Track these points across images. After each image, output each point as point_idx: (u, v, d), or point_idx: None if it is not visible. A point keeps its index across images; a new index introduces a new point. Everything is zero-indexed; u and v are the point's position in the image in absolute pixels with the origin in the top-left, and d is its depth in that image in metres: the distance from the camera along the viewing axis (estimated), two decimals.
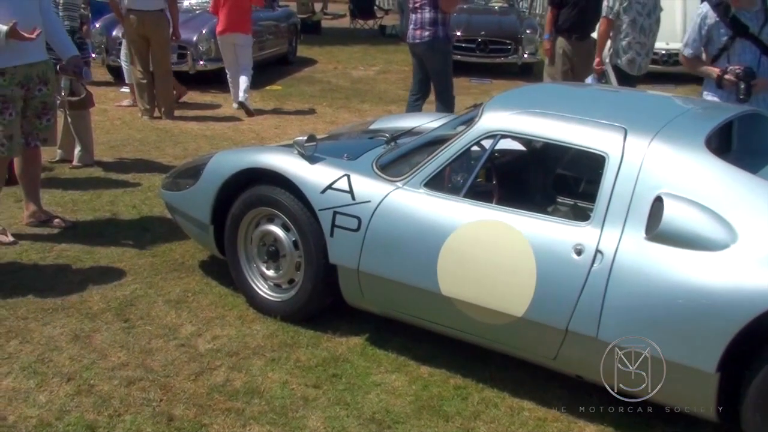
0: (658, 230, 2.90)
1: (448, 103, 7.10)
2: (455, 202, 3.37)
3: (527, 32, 11.98)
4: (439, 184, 3.50)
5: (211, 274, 4.37)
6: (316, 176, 3.66)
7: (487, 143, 3.49)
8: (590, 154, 3.22)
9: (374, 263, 3.48)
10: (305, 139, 3.73)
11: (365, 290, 3.58)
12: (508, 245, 3.18)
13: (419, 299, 3.42)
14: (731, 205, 2.90)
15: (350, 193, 3.55)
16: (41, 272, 4.34)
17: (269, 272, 3.91)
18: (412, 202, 3.43)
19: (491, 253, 3.23)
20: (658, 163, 3.03)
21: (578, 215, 3.49)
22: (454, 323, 3.38)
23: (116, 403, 3.14)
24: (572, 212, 3.85)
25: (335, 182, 3.60)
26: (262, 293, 3.93)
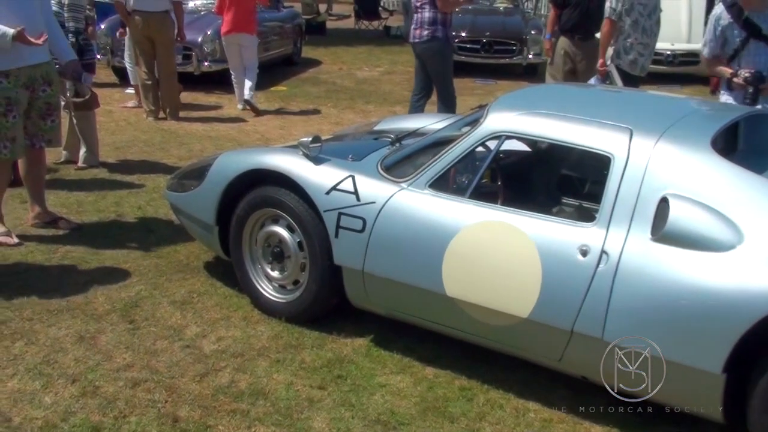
0: (663, 231, 2.89)
1: (448, 103, 7.10)
2: (460, 203, 3.36)
3: (532, 33, 11.97)
4: (444, 185, 3.50)
5: (215, 275, 4.37)
6: (320, 177, 3.66)
7: (492, 144, 3.49)
8: (596, 154, 3.22)
9: (379, 264, 3.47)
10: (310, 140, 3.73)
11: (370, 291, 3.57)
12: (513, 246, 3.18)
13: (424, 300, 3.42)
14: (737, 205, 2.89)
15: (355, 194, 3.55)
16: (46, 273, 4.34)
17: (274, 273, 3.91)
18: (417, 203, 3.43)
19: (496, 254, 3.22)
20: (663, 163, 3.03)
21: (583, 216, 3.48)
22: (458, 324, 3.38)
23: (121, 404, 3.14)
24: (577, 213, 3.84)
25: (340, 183, 3.60)
26: (266, 294, 3.93)
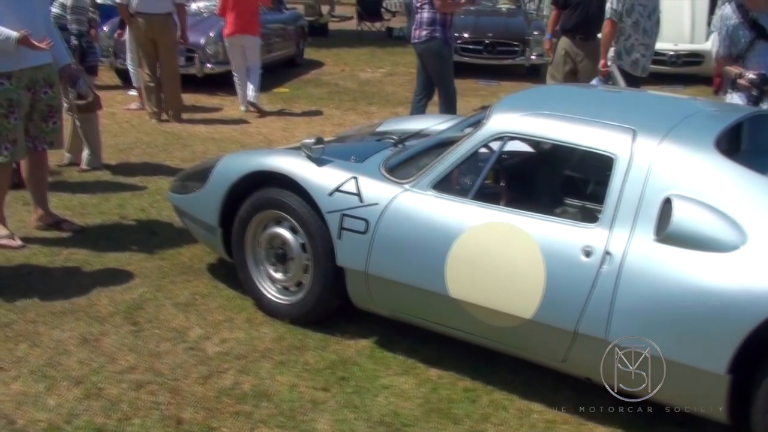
0: (667, 232, 2.88)
1: (448, 103, 7.11)
2: (463, 204, 3.36)
3: (535, 34, 11.94)
4: (447, 186, 3.49)
5: (219, 277, 4.37)
6: (323, 179, 3.65)
7: (495, 145, 3.48)
8: (599, 155, 3.21)
9: (382, 266, 3.47)
10: (313, 141, 3.73)
11: (373, 293, 3.57)
12: (516, 247, 3.17)
13: (427, 301, 3.41)
14: (741, 206, 2.88)
15: (358, 195, 3.55)
16: (50, 276, 4.35)
17: (277, 275, 3.91)
18: (420, 204, 3.43)
19: (500, 255, 3.22)
20: (667, 164, 3.02)
21: (587, 217, 3.48)
22: (462, 325, 3.37)
23: (125, 406, 3.14)
24: (581, 214, 3.83)
25: (343, 185, 3.60)
26: (270, 296, 3.93)
